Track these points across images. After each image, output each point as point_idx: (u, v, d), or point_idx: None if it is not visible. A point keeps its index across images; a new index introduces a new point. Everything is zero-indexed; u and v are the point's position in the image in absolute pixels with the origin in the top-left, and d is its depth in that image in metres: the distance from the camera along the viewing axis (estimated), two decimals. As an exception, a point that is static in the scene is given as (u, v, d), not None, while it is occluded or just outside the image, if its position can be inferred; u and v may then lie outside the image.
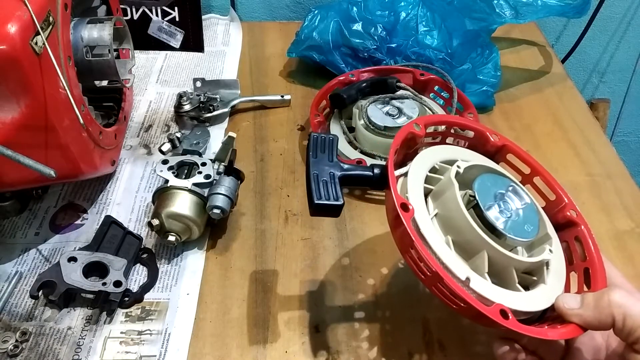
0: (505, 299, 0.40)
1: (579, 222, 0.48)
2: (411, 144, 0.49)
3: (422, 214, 0.42)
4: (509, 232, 0.42)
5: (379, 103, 0.72)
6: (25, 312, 0.56)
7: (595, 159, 0.76)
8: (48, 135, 0.51)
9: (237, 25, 1.01)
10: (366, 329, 0.55)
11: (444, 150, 0.50)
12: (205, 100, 0.78)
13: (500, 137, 0.51)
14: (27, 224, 0.64)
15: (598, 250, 0.45)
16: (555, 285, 0.43)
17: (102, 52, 0.64)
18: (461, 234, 0.43)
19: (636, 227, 0.67)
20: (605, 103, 1.29)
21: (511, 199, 0.45)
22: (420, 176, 0.45)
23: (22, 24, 0.46)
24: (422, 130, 0.48)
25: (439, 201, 0.45)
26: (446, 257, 0.40)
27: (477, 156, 0.51)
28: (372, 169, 0.47)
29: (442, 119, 0.52)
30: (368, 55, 0.82)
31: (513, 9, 0.78)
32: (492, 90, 0.82)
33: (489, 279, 0.41)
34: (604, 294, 0.39)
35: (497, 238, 0.42)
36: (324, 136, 0.48)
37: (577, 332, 0.40)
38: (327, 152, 0.47)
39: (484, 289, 0.40)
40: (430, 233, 0.41)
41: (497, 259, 0.42)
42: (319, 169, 0.45)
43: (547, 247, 0.45)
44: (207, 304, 0.57)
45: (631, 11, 1.16)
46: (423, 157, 0.48)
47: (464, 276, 0.39)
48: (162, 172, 0.61)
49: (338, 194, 0.44)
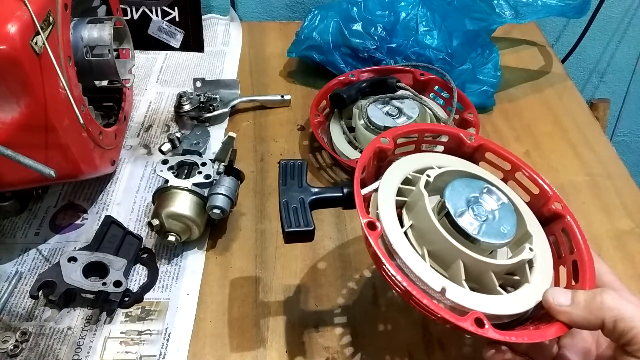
0: (484, 305, 0.40)
1: (564, 214, 0.47)
2: (383, 157, 0.48)
3: (394, 228, 0.42)
4: (483, 236, 0.42)
5: (379, 103, 0.72)
6: (25, 312, 0.56)
7: (595, 159, 0.76)
8: (48, 135, 0.51)
9: (237, 25, 1.01)
10: (366, 329, 0.55)
11: (417, 159, 0.49)
12: (205, 100, 0.78)
13: (477, 137, 0.51)
14: (27, 224, 0.64)
15: (586, 241, 0.45)
16: (541, 283, 0.43)
17: (102, 52, 0.64)
18: (435, 244, 0.42)
19: (636, 227, 0.67)
20: (605, 103, 1.29)
21: (486, 201, 0.44)
22: (391, 190, 0.45)
23: (22, 24, 0.46)
24: (391, 143, 0.48)
25: (412, 212, 0.45)
26: (420, 270, 0.40)
27: (453, 160, 0.50)
28: (342, 189, 0.47)
29: (411, 129, 0.51)
30: (368, 55, 0.82)
31: (513, 9, 0.78)
32: (492, 90, 0.82)
33: (467, 287, 0.40)
34: (596, 295, 0.38)
35: (472, 244, 0.42)
36: (293, 162, 0.49)
37: (561, 331, 0.39)
38: (296, 178, 0.48)
39: (460, 298, 0.39)
40: (402, 247, 0.41)
41: (474, 265, 0.41)
42: (289, 196, 0.47)
43: (527, 246, 0.44)
44: (207, 304, 0.57)
45: (631, 11, 1.16)
46: (395, 169, 0.47)
47: (439, 287, 0.39)
48: (162, 172, 0.61)
49: (308, 220, 0.46)
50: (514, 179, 0.51)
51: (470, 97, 0.75)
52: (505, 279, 0.44)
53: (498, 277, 0.43)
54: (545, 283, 0.43)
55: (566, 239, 0.46)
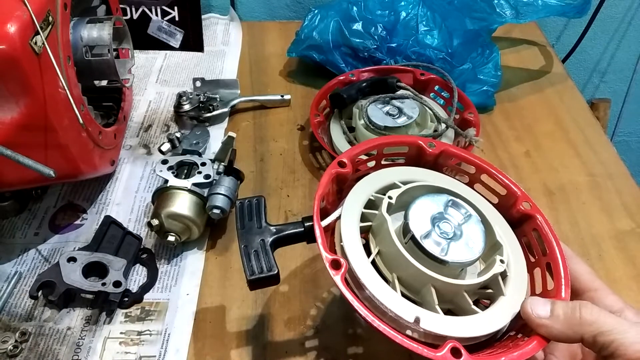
0: (460, 329, 0.38)
1: (534, 214, 0.45)
2: (343, 181, 0.47)
3: (360, 260, 0.40)
4: (451, 257, 0.40)
5: (379, 103, 0.72)
6: (24, 312, 0.56)
7: (595, 159, 0.76)
8: (47, 135, 0.51)
9: (237, 25, 1.01)
10: (367, 329, 0.55)
11: (378, 177, 0.47)
12: (205, 100, 0.78)
13: (437, 144, 0.49)
14: (26, 224, 0.64)
15: (558, 241, 0.43)
16: (516, 293, 0.42)
17: (101, 52, 0.64)
18: (404, 270, 0.41)
19: (637, 227, 0.67)
20: (605, 103, 1.29)
21: (451, 216, 0.43)
22: (354, 216, 0.43)
23: (22, 24, 0.45)
24: (349, 166, 0.46)
25: (378, 238, 0.43)
26: (391, 302, 0.39)
27: (416, 172, 0.49)
28: (303, 224, 0.45)
29: (367, 146, 0.48)
30: (368, 55, 0.82)
31: (513, 8, 0.77)
32: (493, 90, 0.82)
33: (441, 311, 0.39)
34: (575, 309, 0.37)
35: (442, 265, 0.41)
36: (249, 201, 0.46)
37: (540, 346, 0.38)
38: (254, 218, 0.45)
39: (435, 326, 0.38)
40: (370, 280, 0.39)
41: (445, 288, 0.40)
42: (248, 240, 0.44)
43: (498, 259, 0.42)
44: (207, 304, 0.57)
45: (632, 11, 1.16)
46: (356, 193, 0.45)
47: (412, 318, 0.38)
48: (162, 172, 0.61)
49: (271, 263, 0.43)
50: (480, 181, 0.50)
51: (471, 97, 0.75)
52: (480, 293, 0.43)
53: (471, 294, 0.42)
54: (520, 292, 0.42)
55: (538, 240, 0.45)
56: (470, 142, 0.67)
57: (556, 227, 0.63)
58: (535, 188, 0.71)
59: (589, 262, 0.62)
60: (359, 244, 0.42)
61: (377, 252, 0.43)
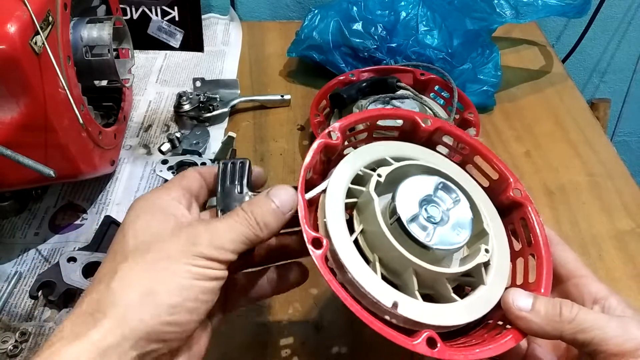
0: (438, 317, 0.38)
1: (524, 202, 0.43)
2: (332, 152, 0.44)
3: (342, 238, 0.39)
4: (436, 243, 0.39)
5: (379, 103, 0.72)
6: (24, 312, 0.56)
7: (595, 159, 0.76)
8: (47, 135, 0.51)
9: (237, 25, 1.01)
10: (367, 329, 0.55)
11: (368, 150, 0.44)
12: (205, 100, 0.78)
13: (433, 120, 0.46)
14: (26, 224, 0.64)
15: (544, 232, 0.42)
16: (497, 283, 0.41)
17: (101, 52, 0.64)
18: (386, 252, 0.40)
19: (637, 227, 0.67)
20: (605, 103, 1.29)
21: (441, 199, 0.41)
22: (340, 191, 0.41)
23: (22, 24, 0.45)
24: (340, 139, 0.43)
25: (363, 216, 0.41)
26: (370, 285, 0.38)
27: (408, 147, 0.46)
28: None
29: (361, 116, 0.46)
30: (368, 55, 0.82)
31: (513, 8, 0.77)
32: (493, 90, 0.82)
33: (420, 298, 0.39)
34: (556, 306, 0.37)
35: (426, 250, 0.39)
36: (233, 162, 0.43)
37: (517, 340, 0.37)
38: (236, 181, 0.43)
39: (413, 312, 0.37)
40: (351, 261, 0.38)
41: (426, 274, 0.39)
42: (226, 204, 0.41)
43: (483, 248, 0.41)
44: (206, 304, 0.57)
45: (632, 11, 1.16)
46: (344, 166, 0.43)
47: (390, 303, 0.37)
48: (162, 172, 0.61)
49: None
50: (472, 162, 0.48)
51: (471, 97, 0.75)
52: (461, 280, 0.43)
53: (452, 281, 0.41)
54: (502, 283, 0.41)
55: (525, 230, 0.43)
56: (470, 142, 0.67)
57: (556, 227, 0.63)
58: (535, 188, 0.71)
59: (589, 261, 0.62)
60: (343, 221, 0.40)
61: (361, 230, 0.41)
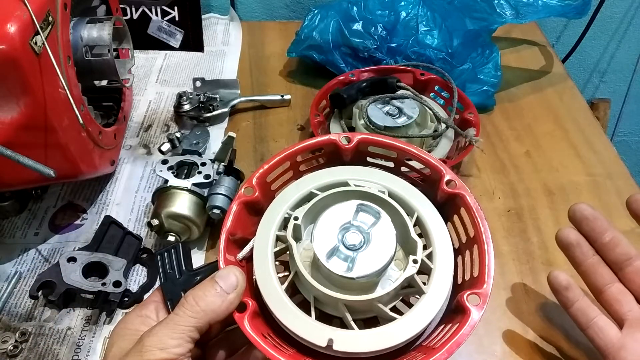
0: (377, 342, 0.38)
1: (459, 193, 0.43)
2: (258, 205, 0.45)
3: (272, 291, 0.40)
4: (358, 272, 0.39)
5: (379, 103, 0.72)
6: (24, 312, 0.56)
7: (595, 159, 0.76)
8: (47, 135, 0.51)
9: (237, 25, 1.01)
10: (366, 329, 0.55)
11: (296, 188, 0.45)
12: (205, 100, 0.78)
13: (351, 136, 0.46)
14: (26, 224, 0.64)
15: (484, 220, 0.41)
16: (438, 288, 0.40)
17: (101, 52, 0.64)
18: (315, 292, 0.40)
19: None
20: (605, 103, 1.29)
21: (361, 221, 0.41)
22: (268, 243, 0.42)
23: (22, 24, 0.45)
24: (256, 190, 0.44)
25: (292, 260, 0.42)
26: (302, 329, 0.38)
27: (337, 170, 0.46)
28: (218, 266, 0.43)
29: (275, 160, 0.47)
30: (368, 55, 0.82)
31: (514, 9, 0.77)
32: (493, 90, 0.82)
33: (356, 327, 0.39)
34: None
35: (352, 279, 0.39)
36: (167, 251, 0.44)
37: None
38: (175, 267, 0.43)
39: (350, 346, 0.37)
40: (281, 310, 0.39)
41: (356, 304, 0.40)
42: (172, 292, 0.42)
43: (411, 259, 0.40)
44: (206, 304, 0.57)
45: (632, 11, 1.16)
46: (269, 214, 0.43)
47: (325, 342, 0.37)
48: (162, 172, 0.61)
49: None
50: (405, 164, 0.48)
51: (471, 97, 0.75)
52: (404, 293, 0.42)
53: (390, 300, 0.41)
54: (444, 286, 0.40)
55: (468, 220, 0.43)
56: (470, 142, 0.67)
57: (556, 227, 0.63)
58: (535, 188, 0.71)
59: (589, 262, 0.62)
60: (273, 273, 0.40)
61: (294, 274, 0.42)
